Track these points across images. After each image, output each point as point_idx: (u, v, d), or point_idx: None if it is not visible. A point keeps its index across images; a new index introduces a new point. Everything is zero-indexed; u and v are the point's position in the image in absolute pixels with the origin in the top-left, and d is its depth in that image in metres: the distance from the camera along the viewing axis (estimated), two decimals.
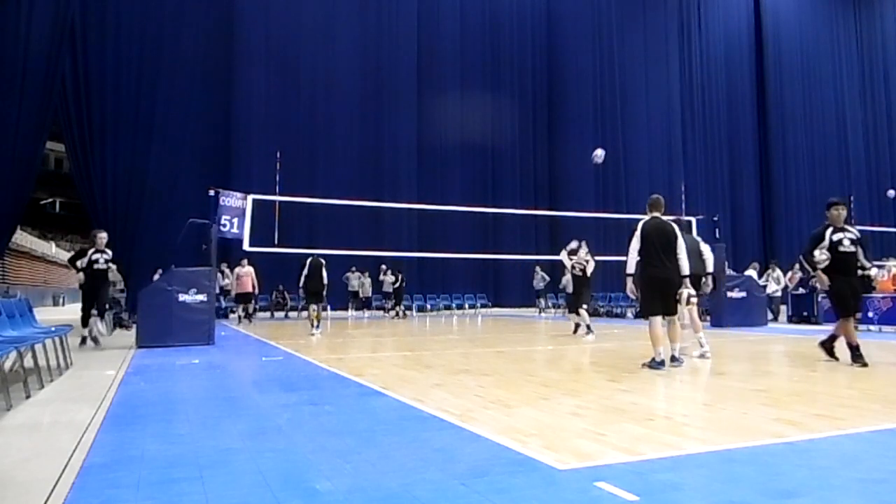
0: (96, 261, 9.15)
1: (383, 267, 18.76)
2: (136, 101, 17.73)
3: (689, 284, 6.42)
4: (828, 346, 6.75)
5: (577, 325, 11.17)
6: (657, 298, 6.26)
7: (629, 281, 6.38)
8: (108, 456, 3.11)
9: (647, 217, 6.44)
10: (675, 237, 6.31)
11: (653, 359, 6.20)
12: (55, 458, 3.06)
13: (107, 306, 9.13)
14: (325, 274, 12.39)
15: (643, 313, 6.52)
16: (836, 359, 6.60)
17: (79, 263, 9.13)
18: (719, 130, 27.98)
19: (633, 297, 6.61)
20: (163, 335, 8.82)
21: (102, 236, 9.45)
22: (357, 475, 2.74)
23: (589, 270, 10.93)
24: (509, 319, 17.78)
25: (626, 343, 9.50)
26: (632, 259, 6.31)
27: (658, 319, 6.24)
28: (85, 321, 9.15)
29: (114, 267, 9.50)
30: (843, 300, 6.46)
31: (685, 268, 6.29)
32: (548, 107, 25.27)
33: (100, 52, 17.33)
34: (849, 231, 6.50)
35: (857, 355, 6.29)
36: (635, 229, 6.31)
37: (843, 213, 6.58)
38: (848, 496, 2.44)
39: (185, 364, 7.01)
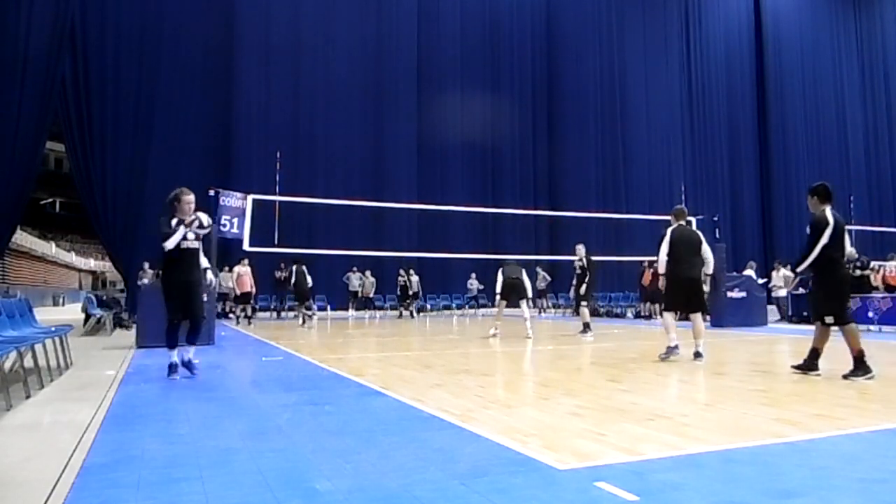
0: (183, 237, 5.87)
1: (405, 270, 18.98)
2: (136, 102, 17.73)
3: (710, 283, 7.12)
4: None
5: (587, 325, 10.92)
6: (681, 296, 6.98)
7: (661, 280, 7.15)
8: (108, 456, 3.10)
9: (674, 224, 7.17)
10: (700, 242, 7.06)
11: (667, 346, 6.86)
12: (55, 458, 3.05)
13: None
14: (308, 279, 14.27)
15: (665, 307, 7.33)
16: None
17: (169, 243, 5.80)
18: (719, 130, 27.97)
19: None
20: (163, 335, 8.78)
21: (189, 199, 5.98)
22: (357, 475, 2.74)
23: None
24: (509, 319, 17.77)
25: (626, 343, 9.50)
26: (662, 261, 7.04)
27: (671, 314, 7.14)
28: (173, 338, 5.91)
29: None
30: None
31: (710, 267, 7.13)
32: (548, 107, 25.24)
33: (100, 52, 17.32)
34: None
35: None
36: (664, 235, 7.07)
37: (811, 199, 5.81)
38: (848, 496, 2.44)
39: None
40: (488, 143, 23.63)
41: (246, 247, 12.30)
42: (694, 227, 7.88)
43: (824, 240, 5.52)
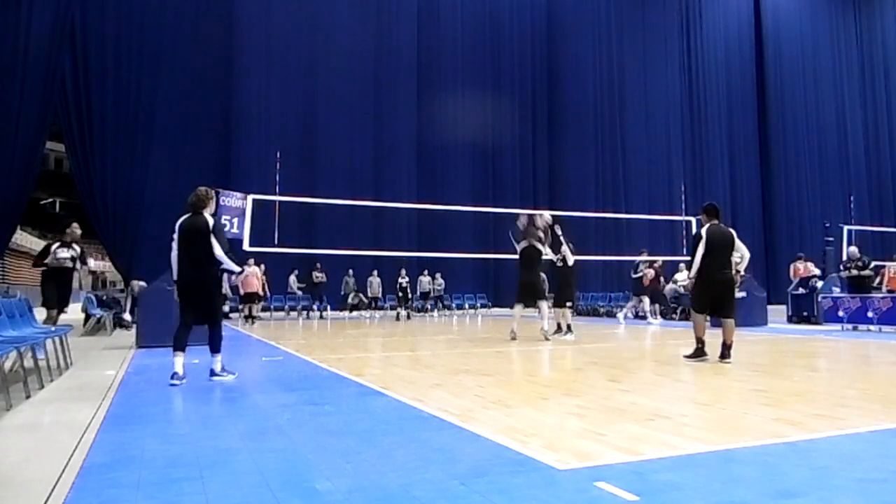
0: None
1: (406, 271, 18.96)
2: (136, 101, 17.74)
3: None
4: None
5: (559, 325, 10.68)
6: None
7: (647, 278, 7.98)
8: (108, 456, 3.10)
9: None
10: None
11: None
12: (55, 458, 3.05)
13: None
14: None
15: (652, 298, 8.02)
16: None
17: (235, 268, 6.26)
18: (719, 130, 27.98)
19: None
20: (163, 335, 8.76)
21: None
22: (357, 475, 2.74)
23: (570, 261, 10.59)
24: (509, 319, 17.72)
25: (626, 343, 9.50)
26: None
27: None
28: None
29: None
30: None
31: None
32: (548, 107, 25.24)
33: (100, 52, 17.33)
34: None
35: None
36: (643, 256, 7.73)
37: (701, 216, 7.12)
38: (848, 496, 2.44)
39: (184, 364, 6.99)
40: (488, 143, 23.61)
41: (246, 247, 12.29)
42: (694, 229, 8.09)
43: (701, 251, 6.74)
